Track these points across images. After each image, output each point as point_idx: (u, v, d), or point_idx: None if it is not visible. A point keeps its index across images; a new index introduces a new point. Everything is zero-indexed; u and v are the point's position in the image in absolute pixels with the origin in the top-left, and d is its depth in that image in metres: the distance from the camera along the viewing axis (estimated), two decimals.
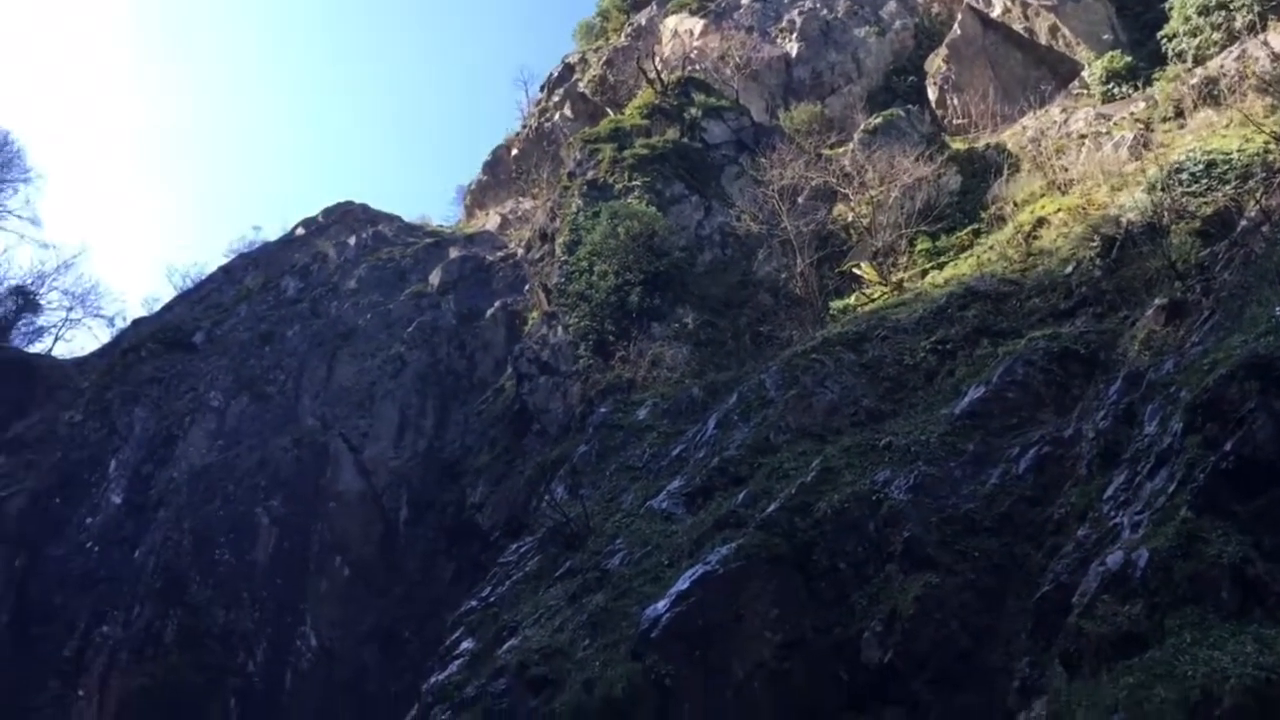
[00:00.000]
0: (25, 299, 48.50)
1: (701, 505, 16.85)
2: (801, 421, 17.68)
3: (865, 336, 19.37)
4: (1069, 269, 18.87)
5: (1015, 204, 23.49)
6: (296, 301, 33.69)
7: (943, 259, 23.27)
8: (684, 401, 21.50)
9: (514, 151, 44.07)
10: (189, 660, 24.96)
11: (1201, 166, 18.80)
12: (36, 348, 46.77)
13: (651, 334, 24.80)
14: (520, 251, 33.69)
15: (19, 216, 50.46)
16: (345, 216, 39.63)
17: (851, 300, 23.35)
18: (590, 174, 29.66)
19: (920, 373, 18.20)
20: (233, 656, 25.29)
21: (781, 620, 13.82)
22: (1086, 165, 22.94)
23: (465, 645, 16.94)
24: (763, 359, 21.53)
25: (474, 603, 18.76)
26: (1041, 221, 21.59)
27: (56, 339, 50.78)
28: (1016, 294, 19.16)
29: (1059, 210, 21.38)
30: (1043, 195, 23.05)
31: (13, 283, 49.19)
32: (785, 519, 14.95)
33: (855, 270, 24.43)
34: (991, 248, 22.08)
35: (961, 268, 21.95)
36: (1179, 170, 19.02)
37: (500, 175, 44.27)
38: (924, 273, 22.99)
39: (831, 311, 23.18)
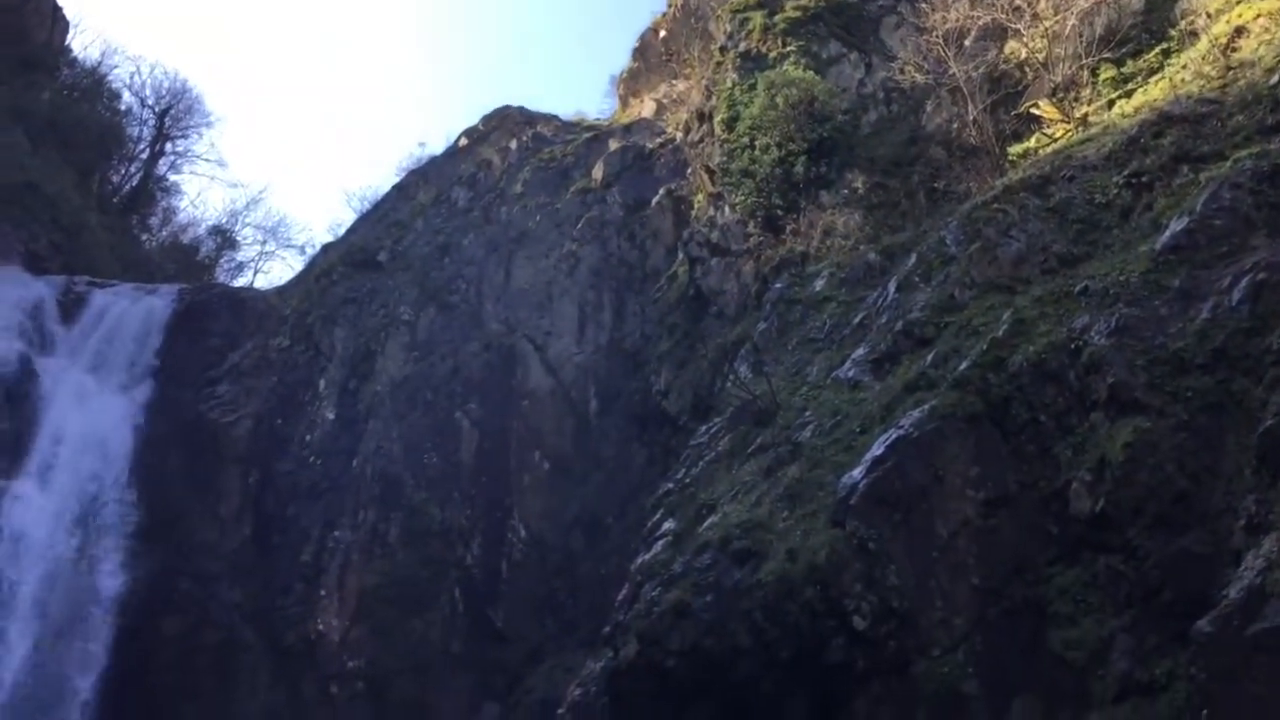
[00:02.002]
0: (224, 237, 51.78)
1: (889, 370, 16.60)
2: (987, 275, 17.01)
3: (1050, 179, 18.30)
4: (1274, 79, 17.17)
5: (1208, 15, 21.39)
6: (468, 211, 34.55)
7: (1130, 86, 21.57)
8: (860, 268, 21.04)
9: (662, 33, 43.21)
10: (413, 557, 26.75)
11: None
12: (239, 282, 50.12)
13: (821, 203, 24.24)
14: (679, 135, 33.32)
15: (206, 159, 53.51)
16: (504, 121, 40.11)
17: (1032, 143, 22.05)
18: (742, 45, 28.81)
19: (1114, 210, 17.11)
20: (452, 551, 26.94)
21: (983, 478, 13.61)
22: None
23: (667, 526, 17.43)
24: (940, 216, 20.74)
25: (670, 485, 19.25)
26: (1240, 31, 19.60)
27: (256, 272, 54.17)
28: (1216, 114, 17.61)
29: (1258, 16, 19.34)
30: (1239, 1, 20.92)
31: (210, 223, 52.57)
32: (978, 376, 14.57)
33: (1034, 110, 22.98)
34: (1184, 67, 20.29)
35: (1152, 93, 20.32)
36: None
37: (651, 60, 43.59)
38: (1110, 104, 21.40)
39: (1010, 158, 21.98)
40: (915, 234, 20.64)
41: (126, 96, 48.55)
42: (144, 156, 48.93)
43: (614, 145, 35.21)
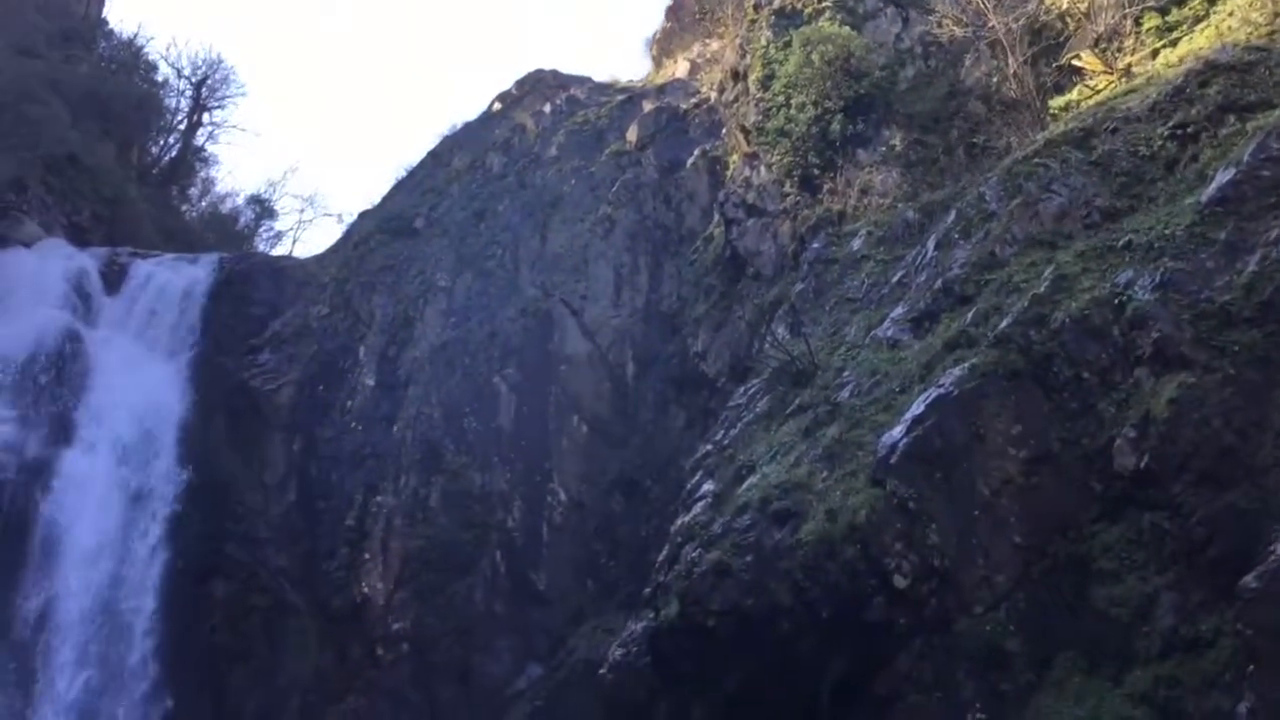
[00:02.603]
0: (262, 207, 52.16)
1: (928, 329, 16.47)
2: (1028, 231, 16.79)
3: (1093, 132, 17.96)
4: None
5: None
6: (503, 176, 34.50)
7: (1175, 35, 21.06)
8: (899, 227, 20.83)
9: None
10: (455, 521, 27.04)
11: None
12: (278, 251, 50.52)
13: (858, 161, 23.97)
14: (713, 95, 33.03)
15: (241, 130, 53.77)
16: (538, 85, 39.86)
17: (1074, 95, 21.62)
18: (776, 2, 28.40)
19: (1159, 163, 16.79)
20: (493, 514, 27.18)
21: (1025, 436, 13.52)
22: None
23: (706, 487, 17.48)
24: (979, 172, 20.45)
25: (709, 447, 19.28)
26: None
27: (295, 241, 54.63)
28: (1264, 61, 17.16)
29: None
30: None
31: (248, 193, 52.98)
32: (1020, 333, 14.43)
33: (1075, 62, 22.50)
34: (1231, 14, 19.75)
35: (1198, 41, 19.83)
36: None
37: (684, 19, 43.12)
38: (1154, 53, 20.92)
39: (1052, 111, 21.57)
40: (954, 190, 20.38)
41: (163, 68, 48.92)
42: (181, 128, 49.31)
43: (648, 107, 34.97)
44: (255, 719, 25.06)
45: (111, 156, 39.78)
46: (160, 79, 48.48)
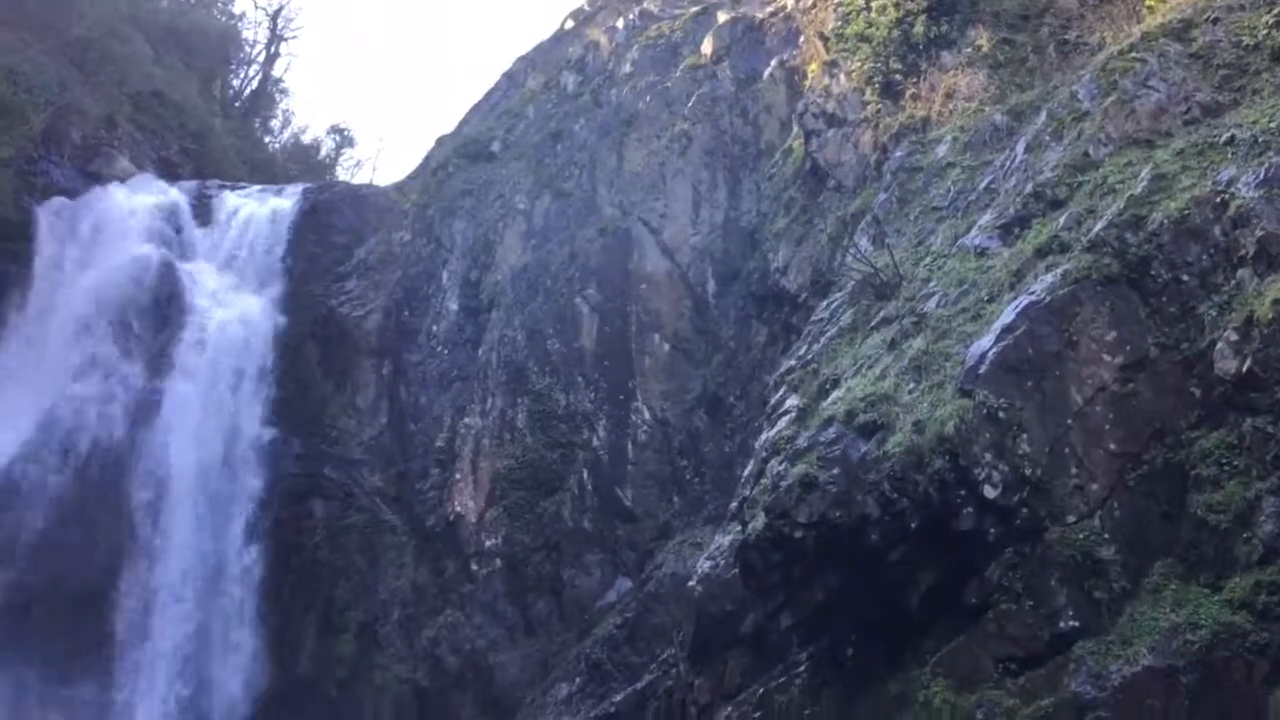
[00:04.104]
0: (342, 136, 52.70)
1: (1018, 235, 16.04)
2: (1124, 129, 16.14)
3: (1192, 22, 17.10)
4: None
5: None
6: (578, 95, 34.21)
7: None
8: (986, 131, 20.20)
9: None
10: (542, 441, 27.49)
11: None
12: (359, 179, 51.10)
13: (942, 64, 23.18)
14: (790, 3, 32.09)
15: (317, 58, 53.85)
16: (610, 0, 39.25)
17: None
18: None
19: (1263, 53, 15.95)
20: (578, 433, 27.56)
21: (1120, 342, 13.18)
22: None
23: (790, 402, 17.45)
24: (1071, 70, 19.65)
25: (792, 362, 19.19)
26: None
27: (375, 169, 55.19)
28: None
29: None
30: None
31: (328, 123, 53.52)
32: (1115, 236, 13.98)
33: None
34: None
35: None
36: None
37: None
38: None
39: (1148, 2, 20.51)
40: (1045, 91, 19.64)
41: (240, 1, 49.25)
42: (260, 59, 49.82)
43: (723, 18, 34.18)
44: (359, 630, 26.11)
45: (195, 91, 40.43)
46: (238, 11, 48.96)
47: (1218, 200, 13.44)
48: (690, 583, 17.95)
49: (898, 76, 23.82)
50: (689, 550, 23.46)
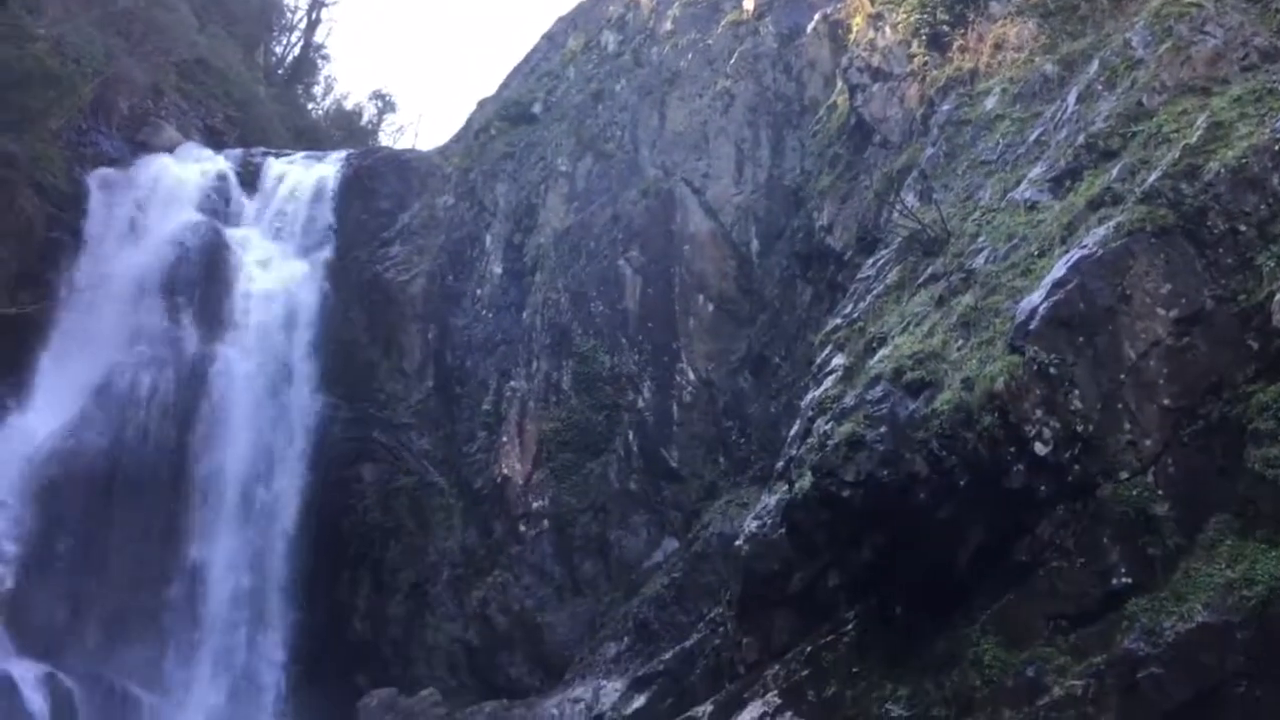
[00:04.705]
0: (384, 101, 52.86)
1: (1069, 188, 15.71)
2: (1179, 77, 15.70)
3: None
4: None
5: None
6: (618, 55, 33.93)
7: None
8: (1036, 82, 19.74)
9: None
10: (587, 403, 27.59)
11: None
12: (401, 144, 51.26)
13: (990, 14, 22.64)
14: None
15: (357, 23, 53.80)
16: None
17: None
18: None
19: None
20: (623, 395, 27.62)
21: (1175, 295, 12.90)
22: None
23: (836, 361, 17.32)
24: (1125, 17, 19.08)
25: (838, 321, 19.02)
26: None
27: (417, 134, 55.26)
28: None
29: None
30: None
31: (371, 88, 53.60)
32: (1169, 187, 13.64)
33: None
34: None
35: None
36: None
37: None
38: None
39: None
40: (1097, 39, 19.13)
41: None
42: (301, 26, 49.97)
43: None
44: (410, 590, 26.54)
45: (238, 59, 40.68)
46: None
47: (1276, 148, 13.07)
48: (737, 542, 17.96)
49: (945, 28, 23.32)
50: (735, 510, 23.49)
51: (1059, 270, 13.46)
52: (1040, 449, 12.54)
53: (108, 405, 26.47)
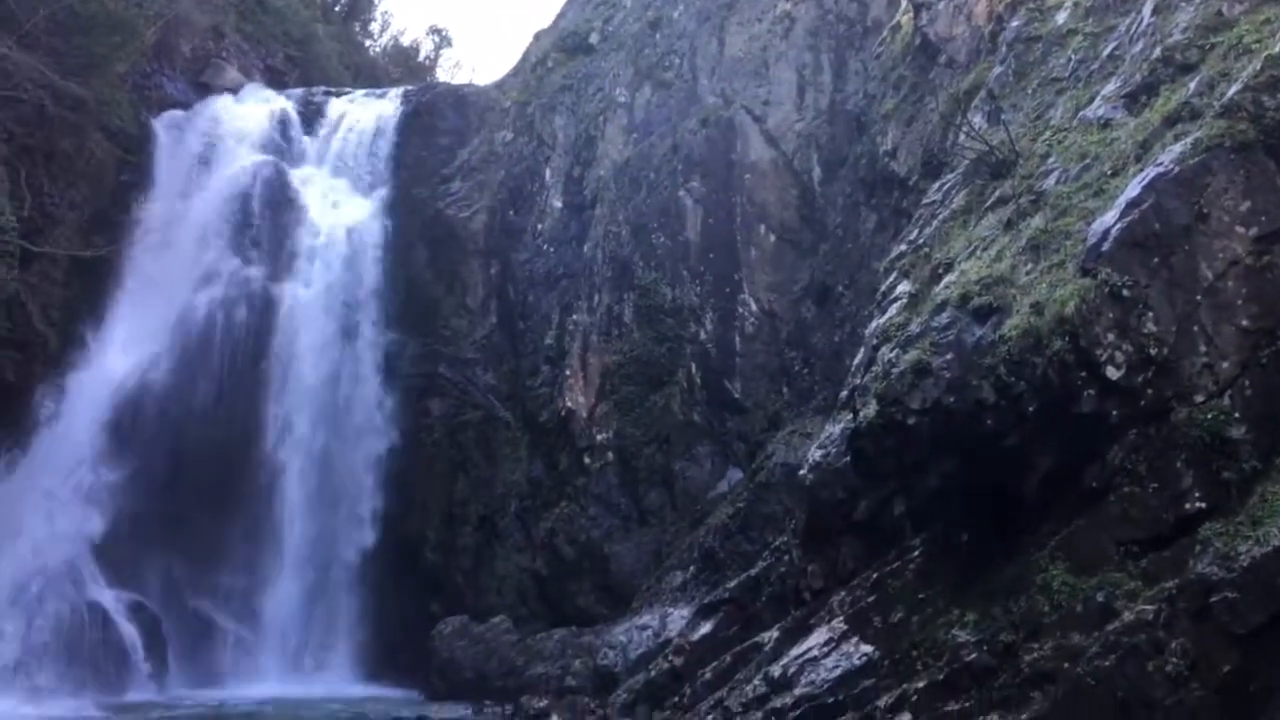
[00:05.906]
0: (440, 36, 52.65)
1: (1145, 104, 15.15)
2: None
3: None
4: None
5: None
6: None
7: None
8: None
9: None
10: (649, 335, 27.64)
11: None
12: (459, 79, 51.11)
13: None
14: None
15: None
16: None
17: None
18: None
19: None
20: (685, 327, 27.62)
21: (1255, 213, 12.43)
22: None
23: (901, 288, 17.06)
24: None
25: (903, 247, 18.71)
26: None
27: (474, 68, 55.02)
28: None
29: None
30: None
31: (427, 24, 53.40)
32: (1250, 100, 13.06)
33: None
34: None
35: None
36: None
37: None
38: None
39: None
40: None
41: None
42: None
43: None
44: (479, 522, 27.11)
45: None
46: None
47: None
48: (801, 471, 17.97)
49: None
50: (799, 440, 23.50)
51: (1133, 190, 13.04)
52: (1112, 373, 12.27)
53: (183, 343, 27.15)
